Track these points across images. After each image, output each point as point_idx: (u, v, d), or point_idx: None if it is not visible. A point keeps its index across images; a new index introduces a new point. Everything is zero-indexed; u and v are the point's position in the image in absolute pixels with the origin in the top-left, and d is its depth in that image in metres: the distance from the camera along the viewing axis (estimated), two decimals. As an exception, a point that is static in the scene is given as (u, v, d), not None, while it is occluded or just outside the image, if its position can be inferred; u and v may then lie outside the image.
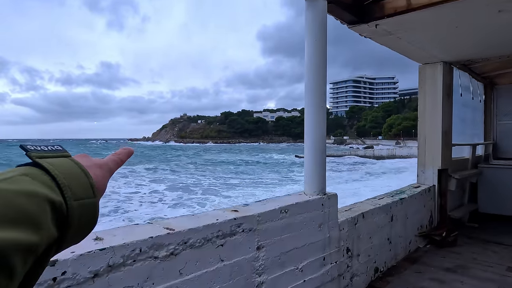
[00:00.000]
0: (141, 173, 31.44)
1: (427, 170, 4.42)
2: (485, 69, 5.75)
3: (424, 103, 4.45)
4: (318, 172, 2.44)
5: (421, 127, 4.48)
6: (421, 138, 4.48)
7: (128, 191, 20.46)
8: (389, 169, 34.05)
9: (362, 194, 17.62)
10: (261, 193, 20.62)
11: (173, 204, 17.45)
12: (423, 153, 4.45)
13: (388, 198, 3.53)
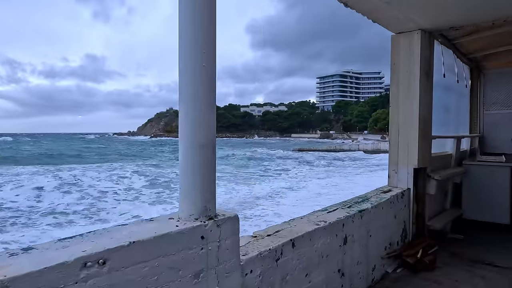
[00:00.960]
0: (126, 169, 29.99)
1: (400, 169, 3.46)
2: (472, 47, 4.81)
3: (397, 83, 3.47)
4: (200, 182, 1.41)
5: (393, 114, 3.50)
6: (393, 129, 3.51)
7: (106, 185, 19.22)
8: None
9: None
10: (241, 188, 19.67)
11: (152, 202, 16.32)
12: (395, 147, 3.48)
13: (341, 211, 2.53)
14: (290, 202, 14.50)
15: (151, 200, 16.42)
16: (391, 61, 3.52)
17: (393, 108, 3.49)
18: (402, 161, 3.42)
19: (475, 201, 4.43)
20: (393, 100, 3.49)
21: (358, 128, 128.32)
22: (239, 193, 17.64)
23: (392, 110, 3.50)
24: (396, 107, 3.47)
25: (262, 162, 35.49)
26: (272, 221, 10.77)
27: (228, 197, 16.62)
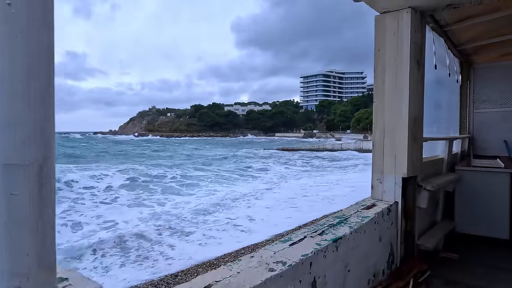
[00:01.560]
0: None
1: (386, 178, 2.84)
2: (464, 36, 4.26)
3: (383, 74, 2.84)
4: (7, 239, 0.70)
5: (377, 112, 2.87)
6: (377, 130, 2.87)
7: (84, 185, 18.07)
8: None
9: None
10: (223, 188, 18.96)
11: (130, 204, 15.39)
12: (380, 152, 2.86)
13: (310, 241, 1.87)
14: (266, 203, 13.90)
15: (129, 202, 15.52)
16: (375, 47, 2.89)
17: (378, 104, 2.86)
18: (388, 168, 2.80)
19: (469, 213, 3.88)
20: (378, 94, 2.86)
21: (341, 127, 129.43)
22: (216, 194, 16.92)
23: (377, 107, 2.87)
24: (381, 103, 2.84)
25: (244, 161, 34.79)
26: (241, 225, 10.11)
27: (208, 198, 15.92)
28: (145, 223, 11.60)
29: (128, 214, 13.31)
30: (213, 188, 19.51)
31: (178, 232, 10.00)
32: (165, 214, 12.78)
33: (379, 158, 2.85)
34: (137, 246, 8.61)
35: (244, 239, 9.10)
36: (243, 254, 8.39)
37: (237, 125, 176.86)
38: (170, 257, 7.89)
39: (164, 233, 9.93)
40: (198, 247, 8.63)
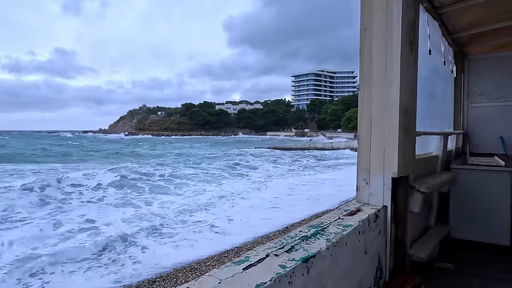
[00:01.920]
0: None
1: (373, 179, 2.42)
2: (460, 22, 3.88)
3: (370, 57, 2.42)
4: None
5: (363, 103, 2.45)
6: (363, 124, 2.44)
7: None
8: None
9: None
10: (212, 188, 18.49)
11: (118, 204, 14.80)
12: (366, 149, 2.43)
13: (272, 261, 1.44)
14: (250, 203, 13.49)
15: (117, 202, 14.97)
16: (361, 25, 2.47)
17: (364, 92, 2.43)
18: (376, 167, 2.39)
19: (466, 216, 3.50)
20: (364, 81, 2.44)
21: (332, 126, 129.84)
22: (203, 194, 16.44)
23: (362, 96, 2.45)
24: (368, 91, 2.41)
25: (234, 159, 34.32)
26: (218, 227, 9.62)
27: (195, 198, 15.44)
28: (127, 223, 11.09)
29: (112, 215, 12.78)
30: (202, 187, 19.04)
31: (155, 233, 9.52)
32: (149, 215, 12.27)
33: (365, 155, 2.43)
34: (110, 248, 8.10)
35: (217, 241, 8.67)
36: (226, 257, 7.95)
37: (229, 124, 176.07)
38: (138, 261, 7.41)
39: (141, 234, 9.44)
40: (170, 249, 8.17)
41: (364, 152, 2.43)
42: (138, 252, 7.98)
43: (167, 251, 8.06)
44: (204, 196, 16.18)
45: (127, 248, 8.25)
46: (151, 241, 8.84)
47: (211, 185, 19.82)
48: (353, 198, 2.56)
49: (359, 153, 2.46)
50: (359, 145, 2.45)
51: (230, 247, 8.36)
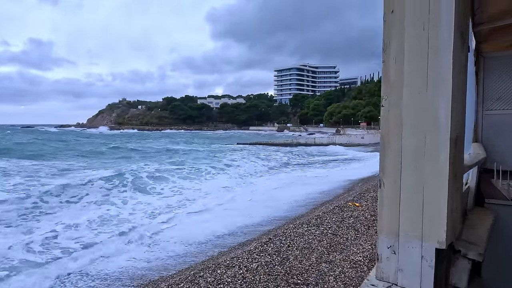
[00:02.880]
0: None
1: (405, 247, 1.52)
2: (490, 10, 3.06)
3: (401, 56, 1.51)
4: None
5: (388, 121, 1.52)
6: (388, 154, 1.53)
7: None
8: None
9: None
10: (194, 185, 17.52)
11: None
12: (393, 197, 1.53)
13: None
14: (198, 207, 12.75)
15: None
16: (385, 6, 1.56)
17: (389, 109, 1.52)
18: (410, 229, 1.51)
19: (507, 269, 2.69)
20: (389, 92, 1.53)
21: (314, 121, 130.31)
22: (182, 194, 15.45)
23: (386, 114, 1.54)
24: (395, 107, 1.51)
25: (215, 157, 33.29)
26: (183, 228, 8.69)
27: (175, 198, 14.50)
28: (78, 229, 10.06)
29: (80, 217, 11.64)
30: (180, 185, 18.09)
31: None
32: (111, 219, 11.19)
33: (390, 207, 1.54)
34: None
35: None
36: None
37: (211, 118, 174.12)
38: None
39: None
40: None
41: (389, 202, 1.55)
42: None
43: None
44: (182, 196, 15.22)
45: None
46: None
47: (193, 182, 18.94)
48: (370, 273, 1.67)
49: (381, 202, 1.58)
50: (382, 190, 1.57)
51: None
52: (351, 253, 8.04)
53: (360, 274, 6.88)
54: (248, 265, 7.28)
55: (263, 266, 7.22)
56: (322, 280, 6.79)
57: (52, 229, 10.04)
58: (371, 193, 13.73)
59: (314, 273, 7.10)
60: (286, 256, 7.76)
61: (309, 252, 8.13)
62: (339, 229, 9.83)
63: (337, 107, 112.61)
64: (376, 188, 14.38)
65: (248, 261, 7.46)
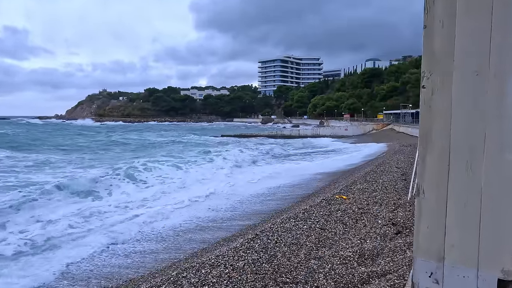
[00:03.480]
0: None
1: (452, 276, 1.16)
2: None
3: (450, 22, 1.13)
4: None
5: (430, 107, 1.13)
6: (431, 149, 1.15)
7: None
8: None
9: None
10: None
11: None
12: (437, 209, 1.17)
13: None
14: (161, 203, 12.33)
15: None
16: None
17: (433, 90, 1.13)
18: (461, 253, 1.13)
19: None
20: (433, 68, 1.13)
21: (298, 113, 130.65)
22: (170, 184, 14.90)
23: (428, 97, 1.14)
24: (442, 89, 1.12)
25: (196, 149, 32.65)
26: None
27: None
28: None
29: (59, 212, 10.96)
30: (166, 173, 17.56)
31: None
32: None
33: (434, 222, 1.16)
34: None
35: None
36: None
37: (194, 110, 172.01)
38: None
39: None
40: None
41: (430, 216, 1.16)
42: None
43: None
44: (163, 187, 14.69)
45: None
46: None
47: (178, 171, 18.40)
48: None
49: (419, 214, 1.19)
50: (420, 200, 1.18)
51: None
52: (340, 248, 7.76)
53: (350, 271, 6.59)
54: (234, 264, 6.89)
55: (250, 265, 6.84)
56: (312, 278, 6.48)
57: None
58: (358, 186, 13.54)
59: (303, 271, 6.78)
60: (273, 253, 7.42)
61: (297, 248, 7.81)
62: (327, 223, 9.55)
63: (321, 99, 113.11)
64: (363, 180, 14.23)
65: (234, 259, 7.08)
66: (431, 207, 1.15)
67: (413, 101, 68.67)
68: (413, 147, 24.06)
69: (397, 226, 8.26)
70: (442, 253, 1.13)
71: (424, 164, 1.15)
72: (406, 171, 15.37)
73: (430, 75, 1.13)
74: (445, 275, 1.13)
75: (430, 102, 1.13)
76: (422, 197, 1.16)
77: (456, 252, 1.12)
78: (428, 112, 1.13)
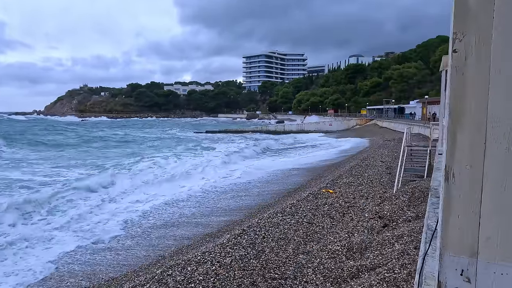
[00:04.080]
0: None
1: (488, 274, 1.00)
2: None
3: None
4: None
5: (461, 78, 0.96)
6: (463, 127, 0.97)
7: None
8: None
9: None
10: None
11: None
12: (469, 195, 0.98)
13: None
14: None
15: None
16: None
17: (471, 52, 0.95)
18: (501, 245, 0.96)
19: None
20: (469, 24, 0.95)
21: (283, 108, 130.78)
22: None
23: (463, 62, 0.96)
24: (480, 49, 0.93)
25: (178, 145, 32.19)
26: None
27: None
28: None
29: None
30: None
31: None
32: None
33: (466, 212, 0.99)
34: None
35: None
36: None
37: (178, 105, 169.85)
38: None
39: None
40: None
41: (462, 204, 0.99)
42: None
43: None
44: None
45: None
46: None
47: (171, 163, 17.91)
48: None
49: (448, 202, 1.01)
50: (449, 185, 1.00)
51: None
52: (328, 242, 7.65)
53: (339, 265, 6.48)
54: (221, 260, 6.68)
55: (237, 261, 6.65)
56: (301, 273, 6.34)
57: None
58: (344, 180, 13.53)
59: (292, 266, 6.64)
60: (261, 249, 7.24)
61: (285, 243, 7.66)
62: (315, 217, 9.44)
63: (305, 94, 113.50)
64: (349, 174, 14.23)
65: (221, 256, 6.87)
66: (463, 192, 0.97)
67: (396, 97, 69.73)
68: (396, 142, 24.33)
69: (383, 219, 8.23)
70: (475, 247, 0.96)
71: (455, 142, 0.97)
72: (391, 165, 15.49)
73: (463, 36, 0.94)
74: (478, 272, 0.96)
75: (464, 68, 0.94)
76: (452, 182, 0.98)
77: (493, 245, 0.94)
78: (461, 81, 0.95)
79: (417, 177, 12.07)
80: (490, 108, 0.92)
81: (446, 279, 1.00)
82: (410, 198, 9.10)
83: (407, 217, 7.94)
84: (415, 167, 13.07)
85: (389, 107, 62.80)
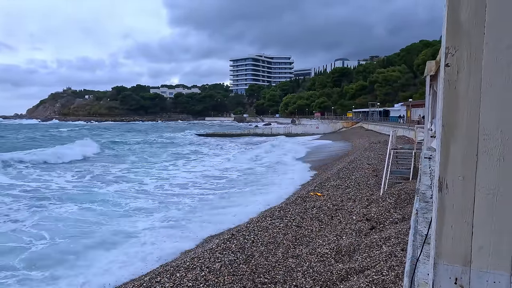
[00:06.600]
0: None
1: (481, 281, 1.03)
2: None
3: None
4: None
5: (452, 91, 0.97)
6: (457, 140, 1.00)
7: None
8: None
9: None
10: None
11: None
12: (462, 203, 1.01)
13: None
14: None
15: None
16: None
17: (463, 65, 0.98)
18: (493, 253, 0.99)
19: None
20: (460, 38, 0.98)
21: (270, 111, 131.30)
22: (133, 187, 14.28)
23: (455, 76, 0.99)
24: (471, 63, 0.96)
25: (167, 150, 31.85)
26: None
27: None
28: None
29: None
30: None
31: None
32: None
33: (459, 221, 1.02)
34: None
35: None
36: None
37: (165, 109, 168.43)
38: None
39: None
40: None
41: (455, 213, 1.01)
42: None
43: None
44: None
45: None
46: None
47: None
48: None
49: (442, 212, 1.04)
50: (443, 196, 1.03)
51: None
52: (317, 246, 7.68)
53: (328, 268, 6.52)
54: (211, 266, 6.63)
55: (226, 266, 6.61)
56: (290, 277, 6.35)
57: None
58: (332, 182, 13.63)
59: (282, 270, 6.64)
60: (251, 253, 7.22)
61: (274, 247, 7.66)
62: (303, 220, 9.47)
63: (292, 97, 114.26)
64: (336, 177, 14.36)
65: (210, 261, 6.82)
66: (456, 203, 0.99)
67: (381, 100, 70.92)
68: (382, 144, 24.68)
69: (371, 221, 8.34)
70: (469, 256, 0.99)
71: (448, 154, 1.00)
72: (377, 167, 15.72)
73: (455, 51, 0.97)
74: (472, 280, 0.99)
75: (456, 82, 0.97)
76: (445, 193, 1.00)
77: (486, 254, 0.97)
78: (453, 94, 0.98)
79: (403, 179, 12.26)
80: (481, 121, 0.95)
81: (441, 287, 1.03)
82: (396, 200, 9.25)
83: (393, 219, 8.06)
84: (401, 169, 13.30)
85: (374, 110, 63.78)
